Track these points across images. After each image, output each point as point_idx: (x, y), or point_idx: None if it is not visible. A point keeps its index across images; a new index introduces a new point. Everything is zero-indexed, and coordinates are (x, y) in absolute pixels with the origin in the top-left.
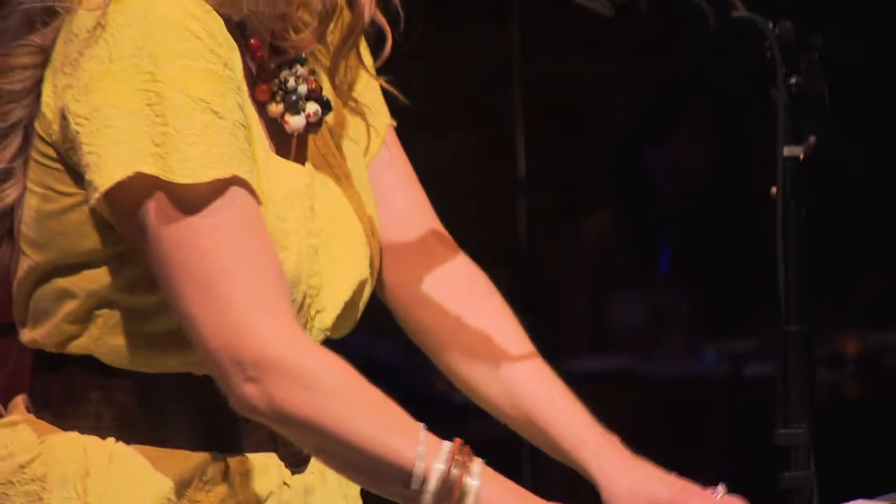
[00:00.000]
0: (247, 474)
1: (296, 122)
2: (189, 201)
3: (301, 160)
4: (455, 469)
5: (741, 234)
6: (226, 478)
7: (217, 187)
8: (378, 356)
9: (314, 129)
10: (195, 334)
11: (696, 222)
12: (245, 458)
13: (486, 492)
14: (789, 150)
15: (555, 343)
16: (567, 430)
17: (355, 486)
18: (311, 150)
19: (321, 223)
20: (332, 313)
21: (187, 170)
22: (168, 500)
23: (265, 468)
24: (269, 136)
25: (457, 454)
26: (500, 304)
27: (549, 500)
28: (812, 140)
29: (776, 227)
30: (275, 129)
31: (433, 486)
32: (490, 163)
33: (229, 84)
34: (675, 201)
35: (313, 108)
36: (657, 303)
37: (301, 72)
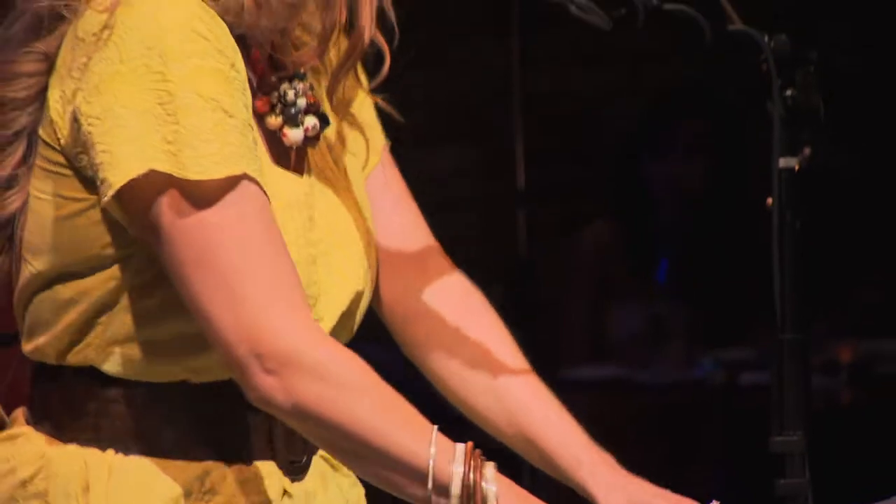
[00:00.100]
0: (247, 483)
1: (294, 135)
2: (202, 198)
3: (299, 172)
4: (472, 473)
5: (738, 245)
6: (226, 487)
7: (229, 184)
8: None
9: (312, 143)
10: (211, 329)
11: (694, 233)
12: (244, 467)
13: (504, 499)
14: (785, 162)
15: (555, 352)
16: (562, 448)
17: (358, 491)
18: (310, 163)
19: (320, 234)
20: (328, 323)
21: (200, 167)
22: None
23: (265, 477)
24: (268, 148)
25: (471, 458)
26: (494, 321)
27: None
28: (807, 151)
29: (772, 238)
30: (273, 141)
31: (456, 490)
32: (490, 175)
33: (237, 85)
34: (672, 212)
35: (312, 121)
36: (655, 312)
37: (300, 86)
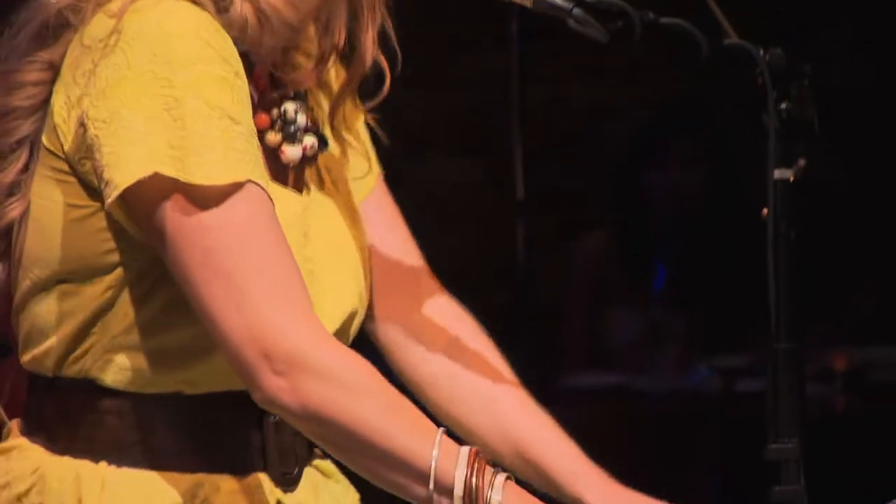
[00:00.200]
0: (240, 495)
1: (292, 153)
2: (207, 202)
3: (296, 190)
4: (475, 477)
5: (733, 254)
6: (219, 499)
7: (234, 189)
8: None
9: (309, 163)
10: (218, 331)
11: (691, 242)
12: (238, 479)
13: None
14: (780, 173)
15: (554, 359)
16: (557, 464)
17: (352, 496)
18: (307, 182)
19: (314, 251)
20: None
21: (205, 172)
22: None
23: (257, 488)
24: (266, 165)
25: (474, 461)
26: (485, 343)
27: None
28: (802, 163)
29: (767, 247)
30: (271, 158)
31: (458, 492)
32: (489, 185)
33: (242, 93)
34: (669, 222)
35: (310, 140)
36: (652, 320)
37: (301, 105)
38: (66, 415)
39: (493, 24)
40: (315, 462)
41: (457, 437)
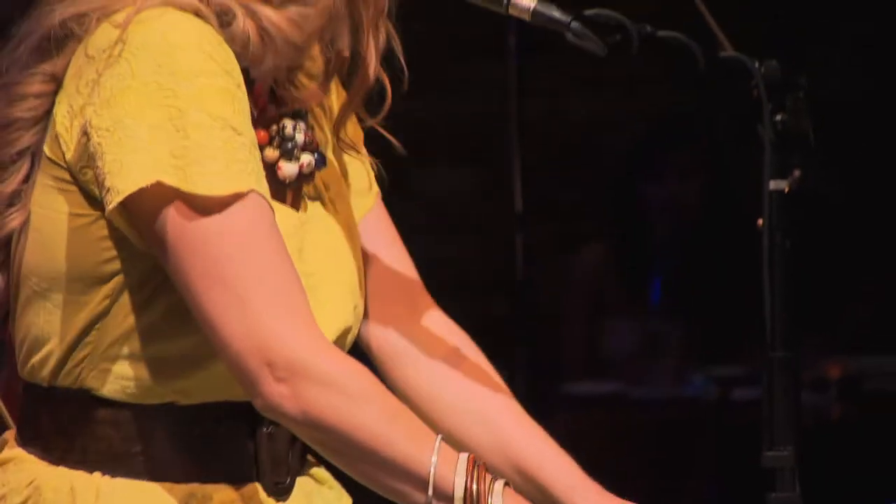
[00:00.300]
0: None
1: (288, 170)
2: (209, 211)
3: (293, 205)
4: (474, 483)
5: (729, 265)
6: None
7: (235, 199)
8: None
9: (306, 180)
10: (219, 338)
11: (687, 253)
12: (230, 489)
13: None
14: (775, 184)
15: (553, 368)
16: (554, 478)
17: (346, 503)
18: (305, 198)
19: (310, 267)
20: None
21: (207, 183)
22: None
23: (250, 498)
24: (266, 181)
25: (473, 468)
26: (479, 357)
27: None
28: (797, 174)
29: (762, 258)
30: (269, 173)
31: (459, 497)
32: (488, 197)
33: (244, 104)
34: (666, 233)
35: (307, 159)
36: (649, 330)
37: (300, 123)
38: (62, 425)
39: (493, 36)
40: (310, 470)
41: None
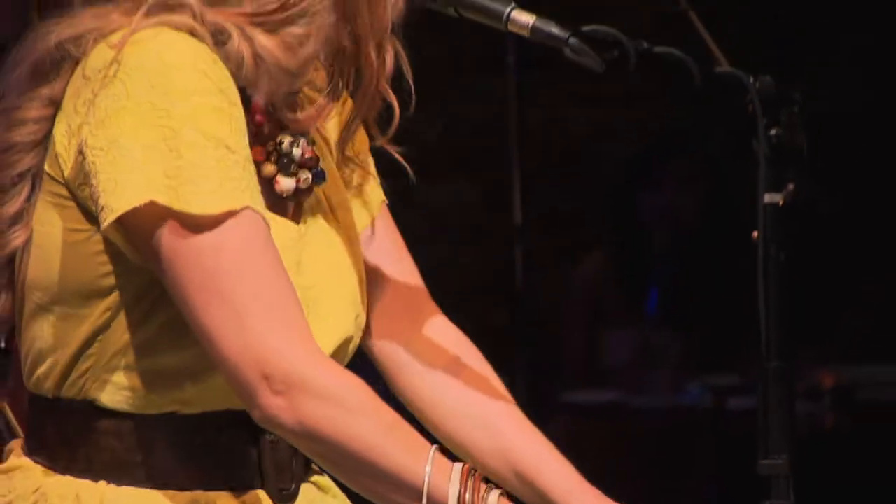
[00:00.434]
0: None
1: (285, 184)
2: (203, 229)
3: (293, 219)
4: (468, 493)
5: (725, 276)
6: None
7: (230, 216)
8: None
9: (304, 195)
10: (217, 352)
11: (684, 264)
12: (234, 496)
13: None
14: (770, 197)
15: (552, 377)
16: (553, 482)
17: None
18: (307, 212)
19: (309, 279)
20: None
21: (201, 202)
22: None
23: None
24: (264, 195)
25: (467, 478)
26: (482, 364)
27: None
28: (791, 188)
29: (757, 269)
30: (268, 188)
31: None
32: (489, 208)
33: (238, 122)
34: (663, 244)
35: (305, 174)
36: (647, 339)
37: (300, 139)
38: (66, 435)
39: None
40: (312, 478)
41: (455, 455)
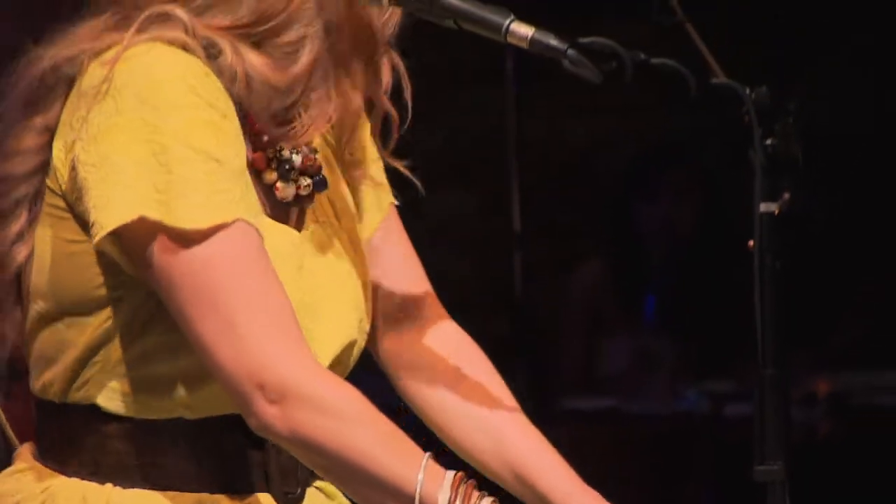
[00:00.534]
0: None
1: (285, 191)
2: (194, 242)
3: (295, 224)
4: (459, 500)
5: (721, 284)
6: None
7: (220, 229)
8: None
9: (305, 201)
10: (212, 362)
11: (681, 272)
12: (239, 499)
13: None
14: (765, 207)
15: (551, 384)
16: (553, 486)
17: None
18: (310, 216)
19: (311, 283)
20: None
21: (191, 216)
22: None
23: None
24: (265, 201)
25: (459, 485)
26: (488, 369)
27: None
28: (786, 197)
29: (753, 278)
30: (269, 194)
31: None
32: (488, 217)
33: (229, 135)
34: (660, 253)
35: (305, 181)
36: (644, 346)
37: (302, 147)
38: (73, 440)
39: (492, 62)
40: (318, 483)
41: (461, 460)
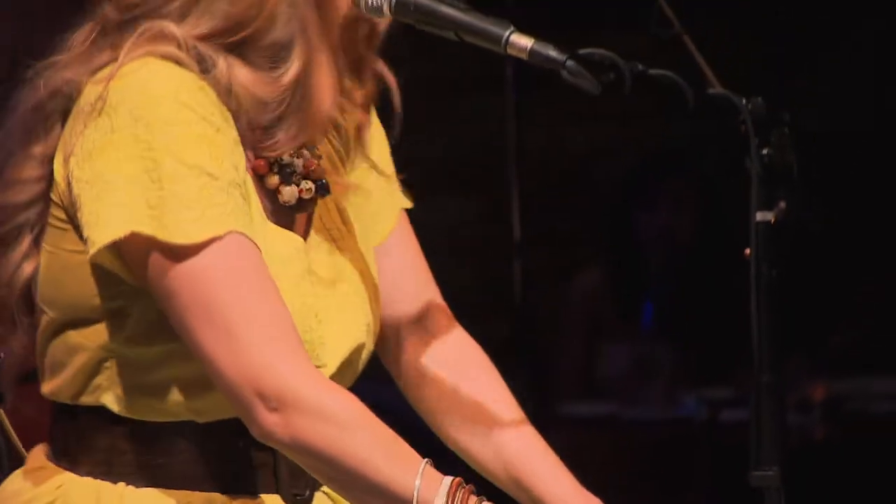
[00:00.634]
0: None
1: (288, 193)
2: (188, 256)
3: (303, 231)
4: None
5: (719, 292)
6: None
7: (214, 242)
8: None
9: (308, 206)
10: (213, 371)
11: (679, 280)
12: (249, 499)
13: None
14: (761, 216)
15: (550, 390)
16: (550, 490)
17: None
18: (317, 223)
19: (318, 287)
20: (328, 372)
21: (183, 231)
22: None
23: None
24: (268, 205)
25: (456, 491)
26: (494, 376)
27: None
28: (782, 206)
29: (750, 286)
30: (273, 199)
31: None
32: (488, 225)
33: (223, 148)
34: (658, 261)
35: (307, 185)
36: (643, 353)
37: (302, 150)
38: (85, 441)
39: (492, 70)
40: (325, 487)
41: (464, 462)
